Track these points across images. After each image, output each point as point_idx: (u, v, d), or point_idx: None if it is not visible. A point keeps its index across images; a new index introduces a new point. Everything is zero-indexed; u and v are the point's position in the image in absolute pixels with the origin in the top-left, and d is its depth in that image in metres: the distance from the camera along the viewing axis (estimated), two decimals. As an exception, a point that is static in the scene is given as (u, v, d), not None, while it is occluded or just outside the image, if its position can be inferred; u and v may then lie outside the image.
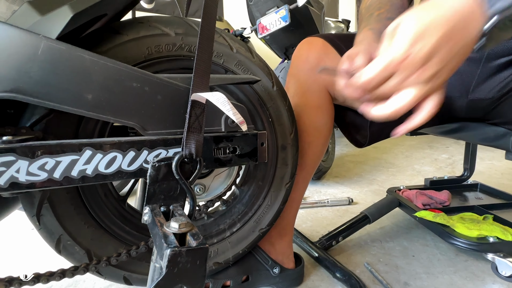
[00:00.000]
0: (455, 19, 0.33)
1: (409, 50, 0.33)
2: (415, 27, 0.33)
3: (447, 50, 0.34)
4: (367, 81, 0.36)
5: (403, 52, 0.33)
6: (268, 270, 0.70)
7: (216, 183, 0.53)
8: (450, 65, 0.35)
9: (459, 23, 0.33)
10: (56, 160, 0.35)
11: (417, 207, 0.96)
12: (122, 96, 0.38)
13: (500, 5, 0.32)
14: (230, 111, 0.38)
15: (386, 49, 0.35)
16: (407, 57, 0.33)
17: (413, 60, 0.33)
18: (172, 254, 0.27)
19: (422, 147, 2.25)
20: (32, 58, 0.33)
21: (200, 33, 0.41)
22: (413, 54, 0.33)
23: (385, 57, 0.35)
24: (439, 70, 0.34)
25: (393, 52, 0.34)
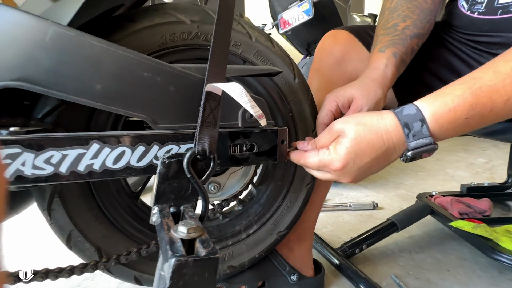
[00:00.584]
0: (383, 148, 0.40)
1: (342, 166, 0.41)
2: (352, 150, 0.40)
3: (370, 170, 0.42)
4: (304, 165, 0.45)
5: (337, 166, 0.41)
6: (286, 276, 0.66)
7: (231, 181, 0.50)
8: (370, 174, 0.44)
9: (386, 151, 0.41)
10: (62, 154, 0.33)
11: (452, 216, 0.86)
12: (132, 87, 0.35)
13: (413, 145, 0.40)
14: (247, 104, 0.34)
15: (328, 154, 0.42)
16: (340, 170, 0.41)
17: (342, 173, 0.42)
18: (177, 265, 0.24)
19: (455, 150, 2.08)
20: (39, 45, 0.31)
21: (217, 18, 0.37)
22: (344, 170, 0.41)
23: (323, 160, 0.42)
24: (359, 180, 0.44)
25: (330, 161, 0.41)
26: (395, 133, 0.40)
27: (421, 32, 0.57)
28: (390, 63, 0.52)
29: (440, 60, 0.68)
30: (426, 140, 0.39)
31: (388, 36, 0.55)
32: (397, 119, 0.40)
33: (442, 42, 0.68)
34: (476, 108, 0.39)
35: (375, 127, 0.40)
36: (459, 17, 0.65)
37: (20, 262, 0.87)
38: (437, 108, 0.40)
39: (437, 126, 0.40)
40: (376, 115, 0.42)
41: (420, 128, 0.39)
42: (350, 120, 0.42)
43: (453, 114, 0.39)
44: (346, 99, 0.49)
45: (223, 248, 0.55)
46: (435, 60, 0.67)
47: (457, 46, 0.66)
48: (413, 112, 0.40)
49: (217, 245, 0.55)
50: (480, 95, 0.39)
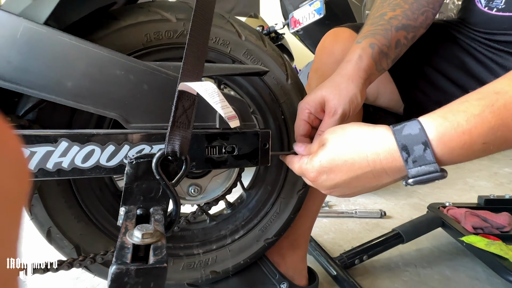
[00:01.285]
0: (366, 169, 0.35)
1: (316, 177, 0.38)
2: (327, 162, 0.37)
3: (351, 187, 0.38)
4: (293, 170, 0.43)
5: (311, 176, 0.39)
6: (275, 285, 0.63)
7: (213, 184, 0.48)
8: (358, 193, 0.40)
9: (369, 173, 0.35)
10: (30, 151, 0.32)
11: (465, 230, 0.79)
12: (104, 85, 0.34)
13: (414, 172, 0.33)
14: (218, 104, 0.33)
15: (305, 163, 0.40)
16: (314, 181, 0.39)
17: (318, 184, 0.39)
18: (117, 273, 0.23)
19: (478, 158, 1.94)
20: (11, 42, 0.31)
21: (194, 12, 0.36)
22: (318, 181, 0.38)
23: (301, 168, 0.40)
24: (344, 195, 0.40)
25: (306, 170, 0.39)
26: (385, 156, 0.33)
27: (412, 24, 0.51)
28: (364, 55, 0.46)
29: (452, 60, 0.62)
30: (431, 168, 0.32)
31: (372, 26, 0.50)
32: (394, 139, 0.33)
33: (455, 41, 0.62)
34: (497, 132, 0.31)
35: (360, 145, 0.35)
36: (475, 14, 0.60)
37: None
38: (447, 130, 0.32)
39: (446, 151, 0.32)
40: (368, 131, 0.35)
41: (423, 153, 0.32)
42: (338, 131, 0.38)
43: (467, 138, 0.31)
44: (318, 104, 0.44)
45: (206, 252, 0.54)
46: (445, 59, 0.61)
47: (472, 46, 0.60)
48: (415, 132, 0.32)
49: (200, 249, 0.54)
50: (504, 115, 0.31)
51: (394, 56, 0.52)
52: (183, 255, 0.53)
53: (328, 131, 0.40)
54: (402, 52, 0.53)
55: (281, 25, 1.66)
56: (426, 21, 0.54)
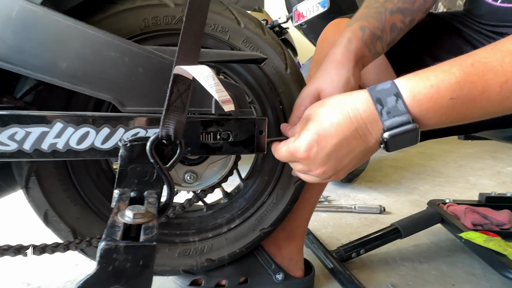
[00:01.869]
0: (352, 127, 0.35)
1: (307, 151, 0.37)
2: (314, 130, 0.36)
3: (343, 155, 0.37)
4: (278, 158, 0.41)
5: (302, 152, 0.37)
6: (271, 275, 0.63)
7: (210, 172, 0.48)
8: (349, 165, 0.38)
9: (355, 131, 0.36)
10: (26, 131, 0.33)
11: (464, 226, 0.79)
12: (99, 67, 0.34)
13: (388, 124, 0.34)
14: (213, 87, 0.32)
15: (292, 141, 0.38)
16: (306, 157, 0.37)
17: (310, 161, 0.37)
18: (106, 249, 0.23)
19: (482, 157, 1.92)
20: (5, 21, 0.31)
21: (190, -3, 0.35)
22: (311, 156, 0.37)
23: (289, 148, 0.39)
24: (337, 171, 0.38)
25: (294, 148, 0.38)
26: (364, 109, 0.35)
27: (409, 8, 0.50)
28: (354, 37, 0.45)
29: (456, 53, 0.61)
30: (404, 118, 0.33)
31: (365, 9, 0.49)
32: (368, 94, 0.35)
33: (460, 33, 0.61)
34: (464, 87, 0.32)
35: (340, 104, 0.36)
36: (479, 5, 0.58)
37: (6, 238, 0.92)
38: (416, 83, 0.34)
39: (415, 103, 0.33)
40: (346, 94, 0.37)
41: (395, 103, 0.34)
42: (317, 103, 0.39)
43: (435, 91, 0.33)
44: (313, 98, 0.44)
45: (202, 240, 0.54)
46: (449, 52, 0.60)
47: (477, 38, 0.59)
48: (387, 86, 0.35)
49: (196, 237, 0.54)
50: (471, 71, 0.32)
51: (390, 40, 0.50)
52: (178, 242, 0.53)
53: (308, 108, 0.40)
54: (399, 37, 0.52)
55: (285, 18, 1.64)
56: (425, 5, 0.52)
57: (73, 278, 0.72)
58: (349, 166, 0.39)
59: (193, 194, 0.49)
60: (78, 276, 0.73)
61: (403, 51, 0.63)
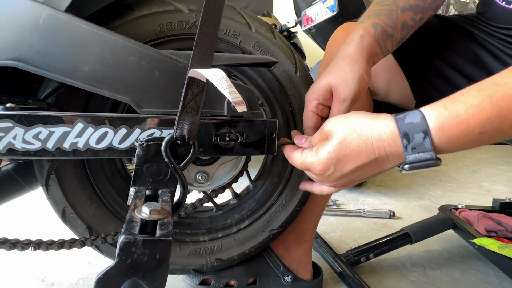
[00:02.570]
0: (372, 157, 0.36)
1: (323, 170, 0.38)
2: (335, 154, 0.37)
3: (356, 176, 0.38)
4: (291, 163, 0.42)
5: (318, 170, 0.38)
6: (279, 277, 0.63)
7: (220, 172, 0.49)
8: (359, 181, 0.40)
9: (375, 160, 0.36)
10: (49, 130, 0.34)
11: (477, 232, 0.77)
12: (118, 70, 0.36)
13: (411, 158, 0.35)
14: (226, 89, 0.33)
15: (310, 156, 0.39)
16: (321, 175, 0.38)
17: (324, 177, 0.39)
18: (125, 242, 0.24)
19: (496, 162, 1.87)
20: (34, 27, 0.33)
21: (205, 3, 0.37)
22: (325, 175, 0.38)
23: (305, 162, 0.39)
24: (346, 185, 0.41)
25: (311, 164, 0.39)
26: (389, 142, 0.35)
27: (420, 5, 0.50)
28: (366, 34, 0.45)
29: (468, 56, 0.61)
30: (427, 155, 0.34)
31: (377, 6, 0.49)
32: (396, 126, 0.35)
33: (472, 36, 0.61)
34: (494, 122, 0.32)
35: (366, 132, 0.36)
36: (493, 8, 0.58)
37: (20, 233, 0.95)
38: (446, 119, 0.33)
39: (444, 140, 0.34)
40: (372, 118, 0.37)
41: (422, 141, 0.34)
42: (341, 121, 0.38)
43: (465, 128, 0.33)
44: (325, 91, 0.44)
45: (212, 240, 0.55)
46: (460, 55, 0.60)
47: (489, 41, 0.59)
48: (417, 121, 0.34)
49: (206, 236, 0.55)
50: (502, 106, 0.32)
51: (400, 38, 0.50)
52: (189, 241, 0.54)
53: (330, 122, 0.39)
54: (409, 34, 0.52)
55: (294, 23, 1.66)
56: (436, 2, 0.52)
57: (86, 275, 0.74)
58: (358, 181, 0.40)
59: (204, 194, 0.51)
60: (90, 274, 0.75)
61: (414, 54, 0.63)
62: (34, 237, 0.43)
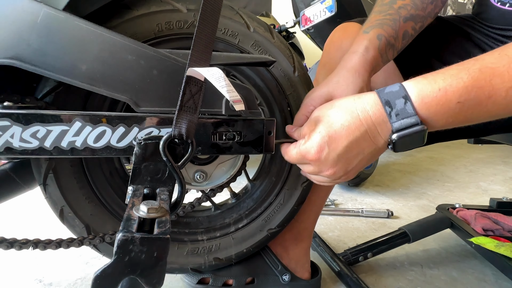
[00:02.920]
0: (362, 128, 0.36)
1: (318, 153, 0.38)
2: (325, 132, 0.37)
3: (353, 156, 0.38)
4: (288, 160, 0.42)
5: (313, 154, 0.38)
6: (277, 276, 0.63)
7: (219, 171, 0.49)
8: (359, 166, 0.39)
9: (365, 133, 0.37)
10: (47, 129, 0.34)
11: (475, 232, 0.77)
12: (116, 69, 0.36)
13: (397, 125, 0.35)
14: (224, 88, 0.34)
15: (303, 143, 0.39)
16: (317, 159, 0.38)
17: (321, 162, 0.38)
18: (123, 240, 0.24)
19: (493, 162, 1.88)
20: (31, 26, 0.33)
21: (203, 2, 0.37)
22: (322, 158, 0.38)
23: (300, 151, 0.39)
24: (347, 172, 0.39)
25: (305, 150, 0.38)
26: (374, 111, 0.36)
27: (420, 14, 0.51)
28: (371, 46, 0.46)
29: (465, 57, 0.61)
30: (412, 119, 0.35)
31: (380, 15, 0.50)
32: (377, 96, 0.36)
33: (468, 37, 0.61)
34: (471, 92, 0.33)
35: (350, 106, 0.37)
36: (488, 9, 0.58)
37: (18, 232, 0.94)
38: (424, 86, 0.35)
39: (423, 106, 0.35)
40: (354, 96, 0.38)
41: (404, 105, 0.35)
42: (326, 105, 0.39)
43: (443, 94, 0.34)
44: (324, 100, 0.44)
45: (210, 239, 0.55)
46: (457, 55, 0.60)
47: (485, 42, 0.59)
48: (395, 89, 0.36)
49: (204, 236, 0.55)
50: (479, 77, 0.33)
51: (401, 47, 0.51)
52: (187, 241, 0.54)
53: (316, 110, 0.41)
54: (408, 43, 0.53)
55: (292, 23, 1.66)
56: (435, 10, 0.53)
57: (84, 275, 0.74)
58: (359, 166, 0.39)
59: (202, 193, 0.51)
60: (88, 274, 0.74)
61: (411, 55, 0.63)
62: (32, 237, 0.43)
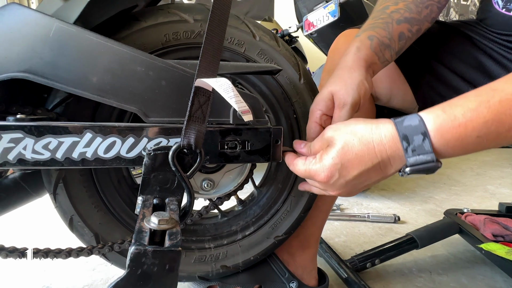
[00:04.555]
0: (375, 161, 0.36)
1: (327, 178, 0.38)
2: (338, 160, 0.37)
3: (360, 182, 0.38)
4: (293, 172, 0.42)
5: (322, 177, 0.38)
6: (284, 283, 0.63)
7: (226, 179, 0.49)
8: (363, 189, 0.40)
9: (378, 165, 0.36)
10: (58, 141, 0.35)
11: (484, 237, 0.76)
12: (125, 80, 0.37)
13: (412, 161, 0.35)
14: (232, 99, 0.34)
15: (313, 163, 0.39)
16: (326, 182, 0.38)
17: (328, 185, 0.39)
18: (136, 253, 0.24)
19: (501, 165, 1.86)
20: (44, 40, 0.34)
21: (211, 13, 0.37)
22: (330, 182, 0.38)
23: (309, 169, 0.39)
24: (351, 193, 0.41)
25: (315, 171, 0.39)
26: (390, 145, 0.35)
27: (415, 17, 0.51)
28: (362, 46, 0.47)
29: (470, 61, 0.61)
30: (428, 157, 0.34)
31: (372, 20, 0.51)
32: (395, 129, 0.36)
33: (472, 42, 0.61)
34: (491, 126, 0.33)
35: (367, 137, 0.36)
36: (492, 16, 0.58)
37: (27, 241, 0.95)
38: (444, 122, 0.34)
39: (442, 142, 0.34)
40: (372, 123, 0.37)
41: (421, 142, 0.34)
42: (341, 128, 0.38)
43: (462, 130, 0.33)
44: (327, 101, 0.44)
45: (217, 246, 0.55)
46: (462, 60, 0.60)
47: (490, 46, 0.59)
48: (415, 123, 0.35)
49: (211, 243, 0.55)
50: (499, 110, 0.33)
51: (399, 48, 0.51)
52: (195, 249, 0.54)
53: (331, 129, 0.40)
54: (407, 45, 0.53)
55: (295, 28, 1.67)
56: (431, 15, 0.53)
57: (91, 282, 0.74)
58: (362, 189, 0.40)
59: (209, 201, 0.51)
60: (95, 281, 0.75)
61: (414, 59, 0.63)
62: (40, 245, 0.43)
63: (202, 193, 0.49)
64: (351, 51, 0.47)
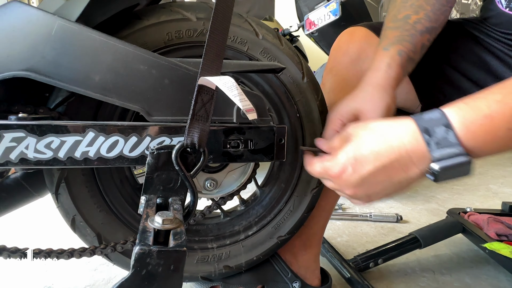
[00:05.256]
0: (392, 157, 0.34)
1: (340, 172, 0.36)
2: (352, 154, 0.36)
3: (377, 181, 0.36)
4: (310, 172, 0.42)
5: (335, 171, 0.37)
6: (287, 283, 0.63)
7: (229, 179, 0.49)
8: (383, 192, 0.37)
9: (395, 161, 0.34)
10: (61, 140, 0.35)
11: (488, 237, 0.76)
12: (128, 79, 0.36)
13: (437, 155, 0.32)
14: (236, 97, 0.34)
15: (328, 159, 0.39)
16: (338, 177, 0.37)
17: (342, 181, 0.37)
18: (140, 253, 0.24)
19: (503, 164, 1.85)
20: (46, 38, 0.34)
21: (214, 12, 0.37)
22: (343, 177, 0.36)
23: (323, 165, 0.39)
24: (369, 195, 0.38)
25: (329, 166, 0.38)
26: (409, 139, 0.33)
27: (434, 26, 0.51)
28: (393, 63, 0.46)
29: (473, 60, 0.60)
30: (455, 149, 0.31)
31: (397, 31, 0.50)
32: (415, 124, 0.33)
33: (476, 40, 0.60)
34: None
35: (385, 132, 0.35)
36: (496, 15, 0.58)
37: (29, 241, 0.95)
38: (467, 113, 0.31)
39: (469, 135, 0.31)
40: (391, 121, 0.36)
41: (445, 134, 0.31)
42: (361, 125, 0.38)
43: (489, 122, 0.31)
44: (351, 115, 0.44)
45: (220, 246, 0.55)
46: (466, 58, 0.60)
47: (494, 45, 0.59)
48: (436, 116, 0.33)
49: (214, 243, 0.55)
50: None
51: (418, 59, 0.52)
52: (197, 249, 0.54)
53: (351, 127, 0.39)
54: (423, 54, 0.53)
55: (296, 27, 1.67)
56: (445, 20, 0.53)
57: (92, 282, 0.74)
58: (384, 193, 0.37)
59: (212, 201, 0.50)
60: (97, 281, 0.74)
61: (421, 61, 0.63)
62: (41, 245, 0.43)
63: (205, 193, 0.48)
64: (382, 67, 0.46)
